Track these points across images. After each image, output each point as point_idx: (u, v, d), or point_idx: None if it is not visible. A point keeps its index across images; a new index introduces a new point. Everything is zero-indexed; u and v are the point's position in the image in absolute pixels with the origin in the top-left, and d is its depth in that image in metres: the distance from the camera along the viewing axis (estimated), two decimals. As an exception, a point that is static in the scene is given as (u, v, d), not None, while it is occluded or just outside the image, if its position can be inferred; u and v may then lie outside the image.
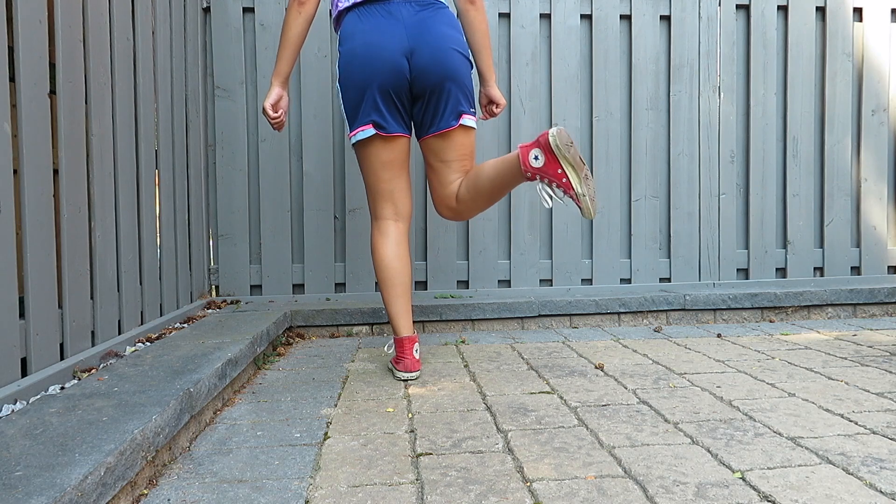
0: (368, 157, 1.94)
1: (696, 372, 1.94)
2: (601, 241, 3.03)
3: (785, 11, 3.13)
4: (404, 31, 1.82)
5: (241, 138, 2.84)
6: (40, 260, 1.50)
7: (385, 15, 1.83)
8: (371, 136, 1.89)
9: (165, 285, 2.31)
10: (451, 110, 1.90)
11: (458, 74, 1.88)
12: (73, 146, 1.66)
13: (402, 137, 1.93)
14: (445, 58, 1.85)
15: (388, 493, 1.13)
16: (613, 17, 3.01)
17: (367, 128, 1.88)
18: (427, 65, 1.83)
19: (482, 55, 2.03)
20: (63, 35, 1.63)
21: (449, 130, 1.92)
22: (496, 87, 2.10)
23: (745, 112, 3.13)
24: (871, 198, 3.20)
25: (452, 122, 1.91)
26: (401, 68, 1.82)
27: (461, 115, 1.92)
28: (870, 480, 1.15)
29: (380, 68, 1.82)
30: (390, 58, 1.81)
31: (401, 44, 1.81)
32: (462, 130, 1.94)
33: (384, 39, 1.81)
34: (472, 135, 1.98)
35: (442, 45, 1.84)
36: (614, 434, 1.41)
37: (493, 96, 2.10)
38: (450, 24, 1.88)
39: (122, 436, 1.08)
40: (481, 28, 1.99)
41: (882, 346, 2.27)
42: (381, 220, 1.98)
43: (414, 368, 1.88)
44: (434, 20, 1.85)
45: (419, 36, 1.83)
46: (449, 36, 1.86)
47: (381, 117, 1.87)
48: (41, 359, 1.49)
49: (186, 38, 2.61)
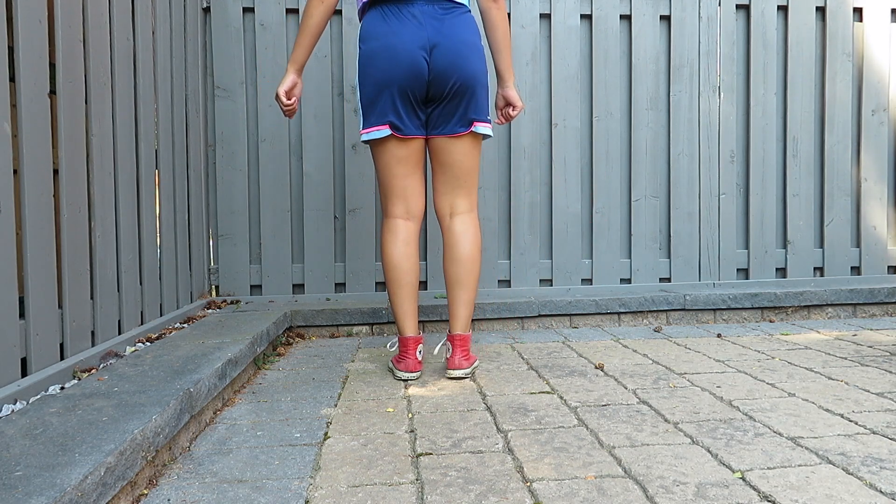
0: (383, 155, 1.93)
1: (696, 372, 1.94)
2: (601, 241, 3.03)
3: (785, 11, 3.13)
4: (426, 35, 1.81)
5: (241, 138, 2.84)
6: (40, 260, 1.50)
7: (409, 17, 1.82)
8: (386, 136, 1.89)
9: (165, 285, 2.31)
10: (464, 115, 1.89)
11: (475, 80, 1.87)
12: (73, 146, 1.66)
13: (417, 139, 1.92)
14: (464, 63, 1.84)
15: (388, 493, 1.13)
16: (613, 17, 3.01)
17: (384, 128, 1.87)
18: (446, 68, 1.83)
19: (502, 55, 2.00)
20: (63, 35, 1.63)
21: (458, 136, 1.91)
22: (514, 88, 2.03)
23: (745, 112, 3.13)
24: (871, 198, 3.20)
25: (462, 128, 1.90)
26: (420, 71, 1.82)
27: (473, 123, 1.90)
28: (870, 480, 1.15)
29: (400, 70, 1.81)
30: (411, 60, 1.81)
31: (422, 47, 1.81)
32: (471, 138, 1.93)
33: (406, 42, 1.81)
34: (478, 144, 1.95)
35: (462, 50, 1.84)
36: (614, 434, 1.41)
37: (511, 98, 2.04)
38: (471, 30, 1.88)
39: (122, 436, 1.08)
40: (502, 26, 1.97)
41: (882, 346, 2.27)
42: (392, 218, 1.97)
43: (415, 369, 1.88)
44: (456, 25, 1.84)
45: (440, 40, 1.82)
46: (469, 42, 1.86)
47: (399, 119, 1.86)
48: (41, 359, 1.49)
49: (186, 38, 2.61)
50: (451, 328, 1.96)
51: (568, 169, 3.00)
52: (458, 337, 1.93)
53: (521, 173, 2.98)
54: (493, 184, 2.96)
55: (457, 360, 1.90)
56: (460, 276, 1.94)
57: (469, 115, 1.89)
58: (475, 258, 1.95)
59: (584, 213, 3.05)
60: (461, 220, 1.97)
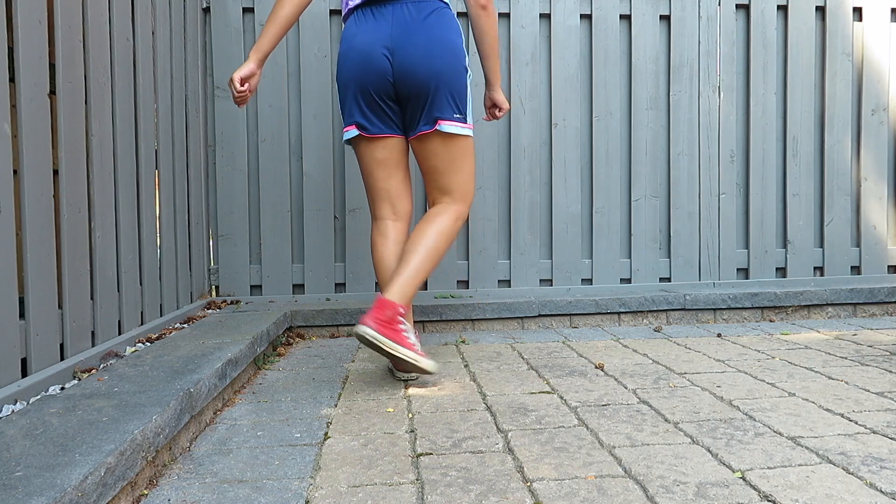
0: (363, 157, 1.96)
1: (697, 372, 1.94)
2: (601, 240, 3.03)
3: (785, 11, 3.13)
4: (388, 33, 1.81)
5: (241, 138, 2.84)
6: (40, 260, 1.50)
7: (377, 17, 1.83)
8: (356, 137, 1.93)
9: (165, 285, 2.31)
10: (428, 114, 1.85)
11: (440, 77, 1.82)
12: (73, 146, 1.66)
13: (391, 138, 1.92)
14: (428, 60, 1.81)
15: (388, 493, 1.13)
16: (613, 16, 3.01)
17: (351, 128, 1.92)
18: (408, 67, 1.81)
19: (490, 60, 2.03)
20: (63, 35, 1.63)
21: (425, 134, 1.88)
22: (501, 91, 2.11)
23: (744, 112, 3.13)
24: (871, 197, 3.20)
25: (426, 126, 1.86)
26: (383, 70, 1.82)
27: (437, 121, 1.85)
28: (870, 480, 1.15)
29: (363, 70, 1.83)
30: (373, 60, 1.82)
31: (384, 45, 1.81)
32: (440, 137, 1.88)
33: (369, 42, 1.82)
34: (452, 144, 1.88)
35: (426, 47, 1.81)
36: (614, 434, 1.41)
37: (497, 100, 2.11)
38: (444, 27, 1.84)
39: (122, 436, 1.08)
40: (490, 33, 1.98)
41: (882, 345, 2.27)
42: (380, 220, 1.98)
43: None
44: (425, 23, 1.82)
45: (403, 38, 1.81)
46: (437, 39, 1.82)
47: (365, 118, 1.88)
48: (41, 359, 1.49)
49: (186, 39, 2.61)
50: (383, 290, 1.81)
51: (568, 169, 3.00)
52: (381, 302, 1.72)
53: (521, 173, 2.98)
54: (493, 184, 2.96)
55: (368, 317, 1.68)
56: (410, 244, 1.83)
57: (433, 114, 1.85)
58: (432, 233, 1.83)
59: (584, 213, 3.05)
60: (435, 210, 1.91)
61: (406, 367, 1.77)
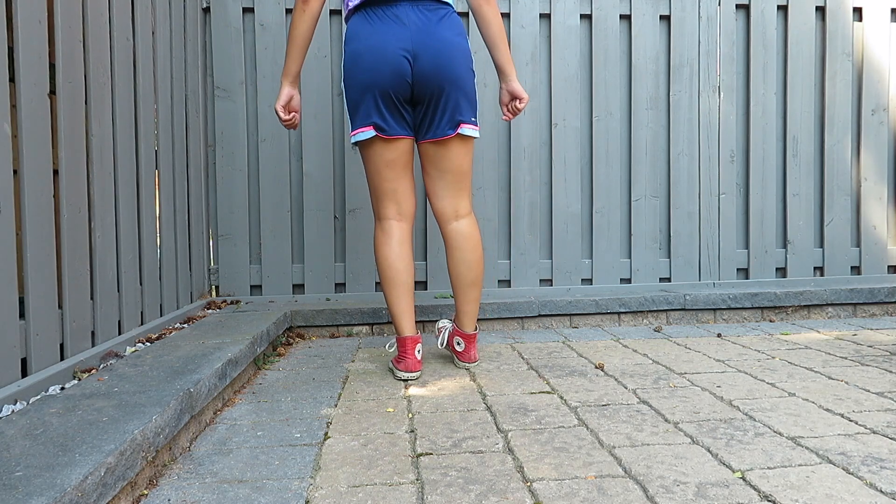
0: (371, 157, 1.94)
1: (697, 372, 1.94)
2: (601, 240, 3.03)
3: (785, 11, 3.13)
4: (409, 36, 1.81)
5: (241, 138, 2.84)
6: (40, 260, 1.50)
7: (392, 18, 1.82)
8: (372, 138, 1.90)
9: (165, 285, 2.31)
10: (450, 118, 1.88)
11: (459, 81, 1.86)
12: (73, 146, 1.66)
13: (404, 139, 1.92)
14: (448, 64, 1.83)
15: (388, 493, 1.13)
16: (613, 16, 3.01)
17: (368, 129, 1.88)
18: (429, 70, 1.82)
19: (499, 49, 1.97)
20: (63, 35, 1.63)
21: (446, 139, 1.91)
22: (517, 81, 2.00)
23: (744, 112, 3.13)
24: (871, 197, 3.20)
25: (449, 130, 1.89)
26: (403, 72, 1.82)
27: (459, 125, 1.90)
28: (870, 480, 1.15)
29: (382, 71, 1.81)
30: (393, 61, 1.81)
31: (404, 48, 1.81)
32: (459, 140, 1.93)
33: (388, 43, 1.81)
34: (469, 146, 1.95)
35: (445, 51, 1.83)
36: (614, 434, 1.41)
37: (515, 91, 2.01)
38: (455, 31, 1.87)
39: (122, 436, 1.08)
40: (496, 21, 1.96)
41: (882, 345, 2.27)
42: (385, 219, 1.98)
43: (415, 368, 1.88)
44: (440, 26, 1.83)
45: (423, 41, 1.81)
46: (454, 43, 1.85)
47: (383, 119, 1.87)
48: (41, 359, 1.49)
49: (186, 39, 2.61)
50: (463, 326, 2.03)
51: (568, 169, 3.00)
52: (472, 336, 2.04)
53: (521, 173, 2.98)
54: (493, 184, 2.96)
55: (472, 353, 2.04)
56: (470, 277, 1.99)
57: (456, 118, 1.89)
58: (481, 258, 2.03)
59: (584, 213, 3.05)
60: (467, 222, 2.00)
61: None
